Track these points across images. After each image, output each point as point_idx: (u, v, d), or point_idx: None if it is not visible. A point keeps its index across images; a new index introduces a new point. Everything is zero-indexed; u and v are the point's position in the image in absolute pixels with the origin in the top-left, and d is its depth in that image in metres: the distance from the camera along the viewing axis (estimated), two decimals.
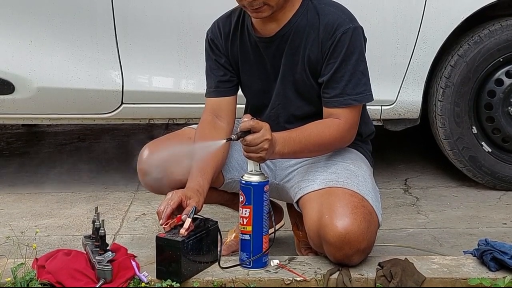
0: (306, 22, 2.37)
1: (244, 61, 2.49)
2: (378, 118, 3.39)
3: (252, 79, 2.51)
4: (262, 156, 2.21)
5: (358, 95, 2.35)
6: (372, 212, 2.31)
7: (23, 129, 4.84)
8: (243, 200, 2.30)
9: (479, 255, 2.37)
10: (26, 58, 3.32)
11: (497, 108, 3.37)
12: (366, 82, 2.37)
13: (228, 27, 2.49)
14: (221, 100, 2.52)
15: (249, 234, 2.31)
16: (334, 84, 2.34)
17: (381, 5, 3.28)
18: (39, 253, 2.44)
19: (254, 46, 2.45)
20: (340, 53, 2.32)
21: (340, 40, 2.32)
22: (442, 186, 3.55)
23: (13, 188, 3.60)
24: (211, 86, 2.55)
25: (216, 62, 2.52)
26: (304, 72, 2.40)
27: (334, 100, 2.35)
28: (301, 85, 2.42)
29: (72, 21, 3.31)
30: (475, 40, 3.32)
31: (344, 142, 2.41)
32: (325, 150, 2.40)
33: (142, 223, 3.10)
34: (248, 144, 2.19)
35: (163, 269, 2.28)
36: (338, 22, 2.33)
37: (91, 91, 3.35)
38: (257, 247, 2.32)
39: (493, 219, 3.09)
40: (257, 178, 2.29)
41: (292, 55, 2.40)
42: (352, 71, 2.33)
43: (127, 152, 3.84)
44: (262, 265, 2.34)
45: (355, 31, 2.33)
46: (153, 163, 2.47)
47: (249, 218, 2.30)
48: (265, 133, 2.18)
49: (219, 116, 2.50)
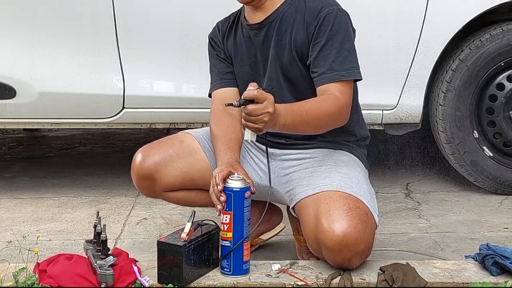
0: (294, 9, 2.43)
1: (236, 52, 2.56)
2: (380, 122, 3.39)
3: (243, 69, 2.56)
4: (259, 128, 2.18)
5: (346, 71, 2.36)
6: (368, 213, 2.31)
7: (24, 133, 4.86)
8: (224, 206, 2.29)
9: (481, 260, 2.37)
10: (27, 63, 3.32)
11: (499, 112, 3.37)
12: (352, 60, 2.38)
13: (225, 26, 2.59)
14: (227, 90, 2.58)
15: (229, 241, 2.29)
16: (321, 62, 2.36)
17: (382, 9, 3.28)
18: (40, 258, 2.44)
19: (246, 36, 2.52)
20: (325, 32, 2.36)
21: (324, 19, 2.36)
22: (444, 191, 3.55)
23: (14, 192, 3.61)
24: (216, 80, 2.61)
25: (217, 57, 2.61)
26: (291, 55, 2.43)
27: (323, 77, 2.36)
28: (289, 69, 2.45)
29: (74, 25, 3.32)
30: (476, 44, 3.32)
31: (341, 117, 2.38)
32: (324, 124, 2.37)
33: (144, 228, 3.10)
34: (248, 113, 2.16)
35: (164, 274, 2.28)
36: (322, 5, 2.39)
37: (93, 96, 3.35)
38: (238, 255, 2.29)
39: (494, 224, 3.08)
40: (239, 184, 2.27)
41: (280, 40, 2.44)
42: (339, 48, 2.35)
43: (129, 157, 3.85)
44: (243, 273, 2.31)
45: (339, 12, 2.38)
46: (146, 166, 2.51)
47: (230, 224, 2.28)
48: (267, 106, 2.15)
49: None
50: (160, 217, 3.22)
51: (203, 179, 2.53)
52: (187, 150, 2.57)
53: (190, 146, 2.58)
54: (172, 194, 2.58)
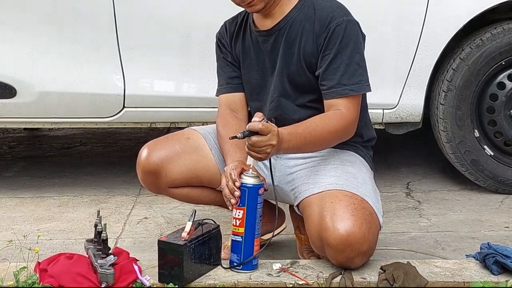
0: (303, 16, 2.41)
1: (244, 57, 2.55)
2: (380, 121, 3.39)
3: (251, 74, 2.55)
4: (261, 158, 2.23)
5: (355, 85, 2.35)
6: (372, 214, 2.31)
7: (25, 133, 4.85)
8: (238, 201, 2.30)
9: (482, 259, 2.37)
10: (28, 62, 3.32)
11: (499, 111, 3.36)
12: (362, 73, 2.37)
13: (233, 27, 2.57)
14: (233, 95, 2.58)
15: (241, 236, 2.31)
16: (330, 75, 2.36)
17: (383, 8, 3.28)
18: (41, 257, 2.44)
19: (255, 41, 2.50)
20: (334, 44, 2.34)
21: (334, 32, 2.34)
22: (444, 190, 3.54)
23: (15, 192, 3.60)
24: (222, 83, 2.61)
25: (224, 60, 2.59)
26: (300, 64, 2.42)
27: (331, 91, 2.36)
28: (297, 77, 2.44)
29: (74, 25, 3.31)
30: (477, 43, 3.32)
31: (347, 133, 2.40)
32: (329, 142, 2.40)
33: (144, 227, 3.10)
34: (252, 144, 2.20)
35: (165, 273, 2.28)
36: (332, 15, 2.37)
37: (93, 95, 3.35)
38: (248, 250, 2.32)
39: (495, 223, 3.08)
40: (253, 180, 2.29)
41: (289, 48, 2.43)
42: (348, 62, 2.35)
43: (129, 156, 3.85)
44: (252, 268, 2.35)
45: (349, 23, 2.36)
46: (152, 162, 2.50)
47: (242, 220, 2.30)
48: (271, 138, 2.18)
49: (235, 110, 2.57)
50: (161, 216, 3.22)
51: (209, 176, 2.54)
52: (193, 146, 2.57)
53: (196, 143, 2.58)
54: (177, 190, 2.58)
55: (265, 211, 2.41)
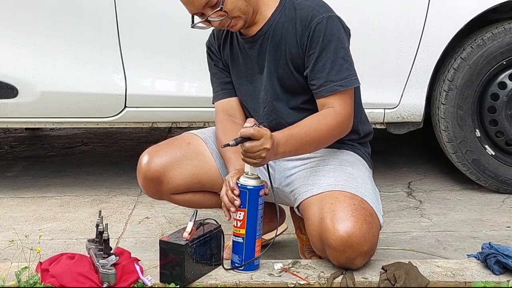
0: (285, 18, 2.40)
1: (233, 64, 2.55)
2: (381, 121, 3.39)
3: (241, 81, 2.55)
4: (257, 163, 2.22)
5: (343, 80, 2.35)
6: (372, 214, 2.31)
7: (26, 132, 4.86)
8: (236, 210, 2.30)
9: (483, 259, 2.37)
10: (29, 62, 3.32)
11: (501, 111, 3.36)
12: (348, 68, 2.37)
13: (221, 34, 2.56)
14: (229, 100, 2.58)
15: (242, 237, 2.32)
16: (317, 74, 2.35)
17: (384, 8, 3.28)
18: (42, 257, 2.44)
19: (242, 48, 2.50)
20: (318, 43, 2.34)
21: (315, 30, 2.34)
22: (446, 189, 3.54)
23: (16, 191, 3.61)
24: (217, 90, 2.61)
25: (216, 67, 2.59)
26: (288, 67, 2.42)
27: (321, 90, 2.36)
28: (286, 80, 2.44)
29: (76, 25, 3.31)
30: (478, 43, 3.32)
31: (343, 130, 2.40)
32: (325, 141, 2.39)
33: (146, 227, 3.11)
34: (246, 150, 2.19)
35: (166, 273, 2.28)
36: (312, 13, 2.36)
37: (94, 95, 3.35)
38: (250, 251, 2.32)
39: (496, 222, 3.08)
40: (254, 182, 2.29)
41: (275, 52, 2.43)
42: (333, 58, 2.34)
43: (130, 156, 3.85)
44: (254, 268, 2.35)
45: (329, 20, 2.34)
46: (153, 168, 2.49)
47: (243, 221, 2.30)
48: (264, 142, 2.18)
49: (232, 115, 2.56)
50: (162, 216, 3.22)
51: (211, 181, 2.54)
52: (194, 152, 2.56)
53: (197, 148, 2.57)
54: (179, 196, 2.57)
55: (266, 210, 2.40)
